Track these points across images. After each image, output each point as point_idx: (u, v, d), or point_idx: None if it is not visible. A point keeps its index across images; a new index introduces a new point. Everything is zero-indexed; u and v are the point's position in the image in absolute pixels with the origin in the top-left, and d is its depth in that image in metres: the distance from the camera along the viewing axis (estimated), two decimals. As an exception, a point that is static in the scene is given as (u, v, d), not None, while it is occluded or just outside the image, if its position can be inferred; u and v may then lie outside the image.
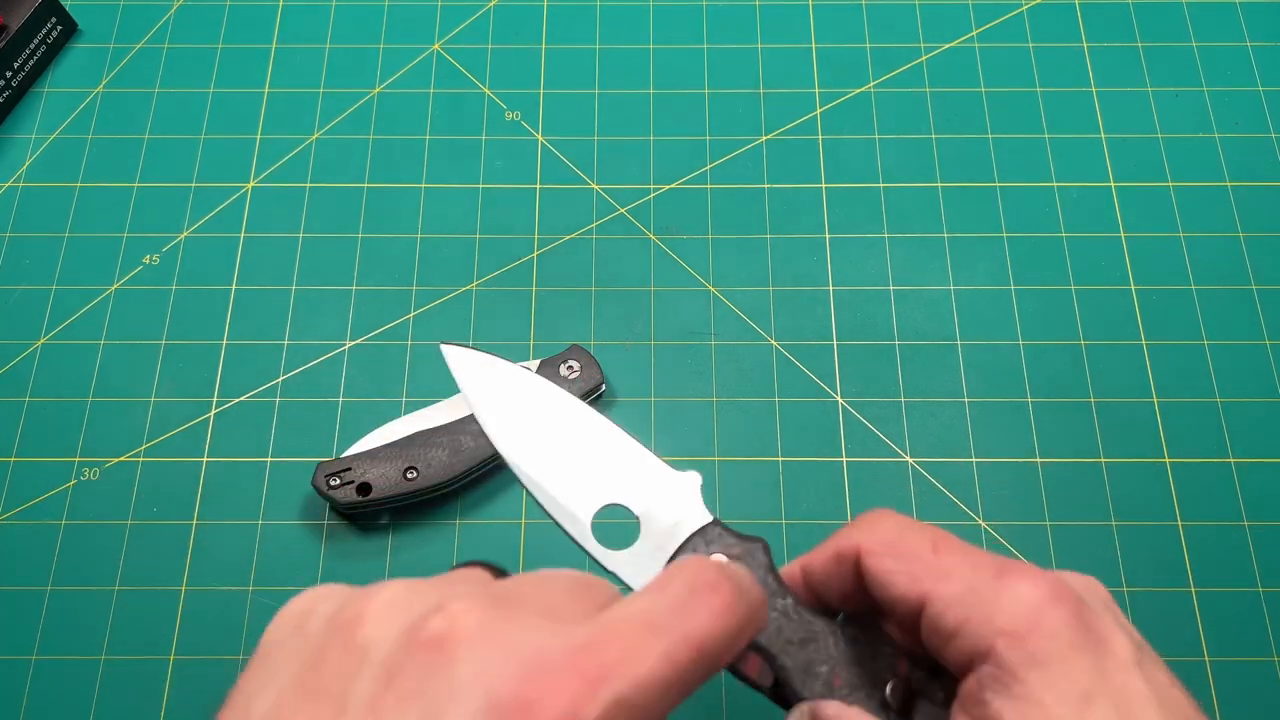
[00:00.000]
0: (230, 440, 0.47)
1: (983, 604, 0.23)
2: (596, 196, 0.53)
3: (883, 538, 0.25)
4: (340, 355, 0.49)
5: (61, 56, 0.57)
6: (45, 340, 0.49)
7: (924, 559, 0.24)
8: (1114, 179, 0.53)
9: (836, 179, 0.53)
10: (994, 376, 0.48)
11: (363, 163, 0.53)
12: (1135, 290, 0.50)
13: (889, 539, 0.25)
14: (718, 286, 0.50)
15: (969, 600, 0.23)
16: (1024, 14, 0.57)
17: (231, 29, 0.57)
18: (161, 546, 0.45)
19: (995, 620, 0.22)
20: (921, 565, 0.24)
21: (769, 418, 0.47)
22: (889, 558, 0.25)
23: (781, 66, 0.56)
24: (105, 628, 0.44)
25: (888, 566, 0.25)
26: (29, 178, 0.53)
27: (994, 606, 0.22)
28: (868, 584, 0.25)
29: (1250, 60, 0.56)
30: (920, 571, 0.24)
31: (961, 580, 0.23)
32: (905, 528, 0.25)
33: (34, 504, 0.46)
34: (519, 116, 0.55)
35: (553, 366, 0.47)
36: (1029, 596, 0.22)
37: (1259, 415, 0.47)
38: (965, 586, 0.23)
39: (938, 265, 0.51)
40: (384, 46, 0.57)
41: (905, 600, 0.24)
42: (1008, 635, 0.22)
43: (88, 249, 0.51)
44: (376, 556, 0.45)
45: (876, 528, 0.26)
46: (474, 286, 0.51)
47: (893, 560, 0.25)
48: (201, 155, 0.54)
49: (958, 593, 0.23)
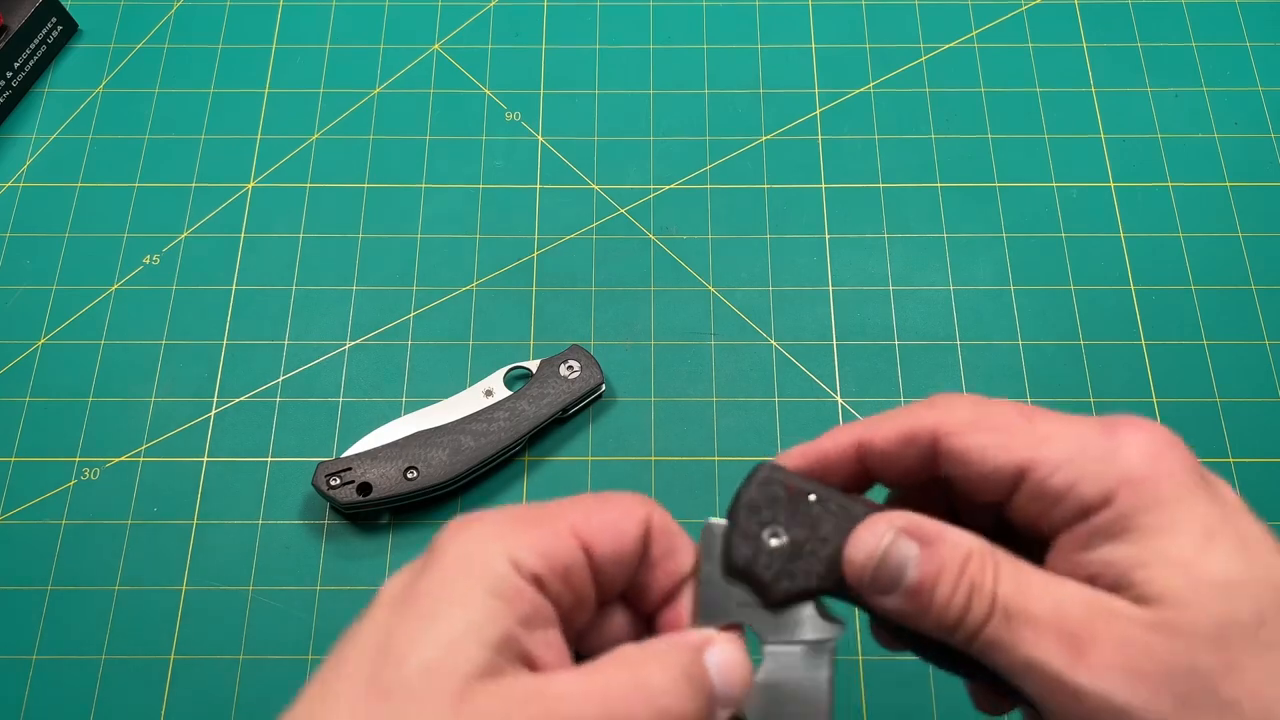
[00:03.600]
0: (230, 440, 0.47)
1: (1097, 458, 0.22)
2: (596, 196, 0.53)
3: (965, 416, 0.24)
4: (340, 355, 0.49)
5: (62, 57, 0.57)
6: (45, 340, 0.49)
7: (1019, 429, 0.24)
8: (1114, 179, 0.53)
9: (836, 179, 0.53)
10: (994, 376, 0.48)
11: (363, 163, 0.54)
12: (1135, 290, 0.50)
13: (972, 416, 0.24)
14: (718, 286, 0.50)
15: (1081, 457, 0.23)
16: (1024, 14, 0.57)
17: (231, 29, 0.57)
18: (161, 546, 0.45)
19: (1113, 470, 0.22)
20: (1017, 435, 0.24)
21: (769, 418, 0.47)
22: (980, 433, 0.24)
23: (781, 66, 0.56)
24: (105, 628, 0.44)
25: (980, 442, 0.24)
26: (29, 178, 0.53)
27: (1109, 459, 0.22)
28: (949, 463, 0.25)
29: (1250, 60, 0.56)
30: (1017, 441, 0.23)
31: (1069, 440, 0.23)
32: (985, 403, 0.25)
33: (34, 504, 0.46)
34: (519, 116, 0.55)
35: (553, 366, 0.47)
36: (1146, 444, 0.22)
37: (1259, 415, 0.47)
38: (1075, 445, 0.23)
39: (938, 265, 0.51)
40: (384, 47, 0.57)
41: (999, 472, 0.24)
42: (1128, 482, 0.22)
43: (88, 249, 0.51)
44: (376, 556, 0.45)
45: (954, 406, 0.25)
46: (474, 286, 0.51)
47: (985, 435, 0.24)
48: (202, 155, 0.54)
49: (1068, 452, 0.23)
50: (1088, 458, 0.23)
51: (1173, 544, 0.21)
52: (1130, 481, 0.22)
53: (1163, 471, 0.22)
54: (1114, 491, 0.22)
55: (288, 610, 0.44)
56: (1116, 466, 0.22)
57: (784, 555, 0.25)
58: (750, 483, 0.26)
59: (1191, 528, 0.21)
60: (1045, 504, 0.23)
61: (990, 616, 0.22)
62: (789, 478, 0.26)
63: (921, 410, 0.25)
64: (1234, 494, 0.23)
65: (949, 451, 0.24)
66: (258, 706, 0.42)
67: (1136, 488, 0.22)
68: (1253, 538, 0.22)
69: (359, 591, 0.44)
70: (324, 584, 0.44)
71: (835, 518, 0.25)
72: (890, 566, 0.23)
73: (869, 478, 0.27)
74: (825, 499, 0.25)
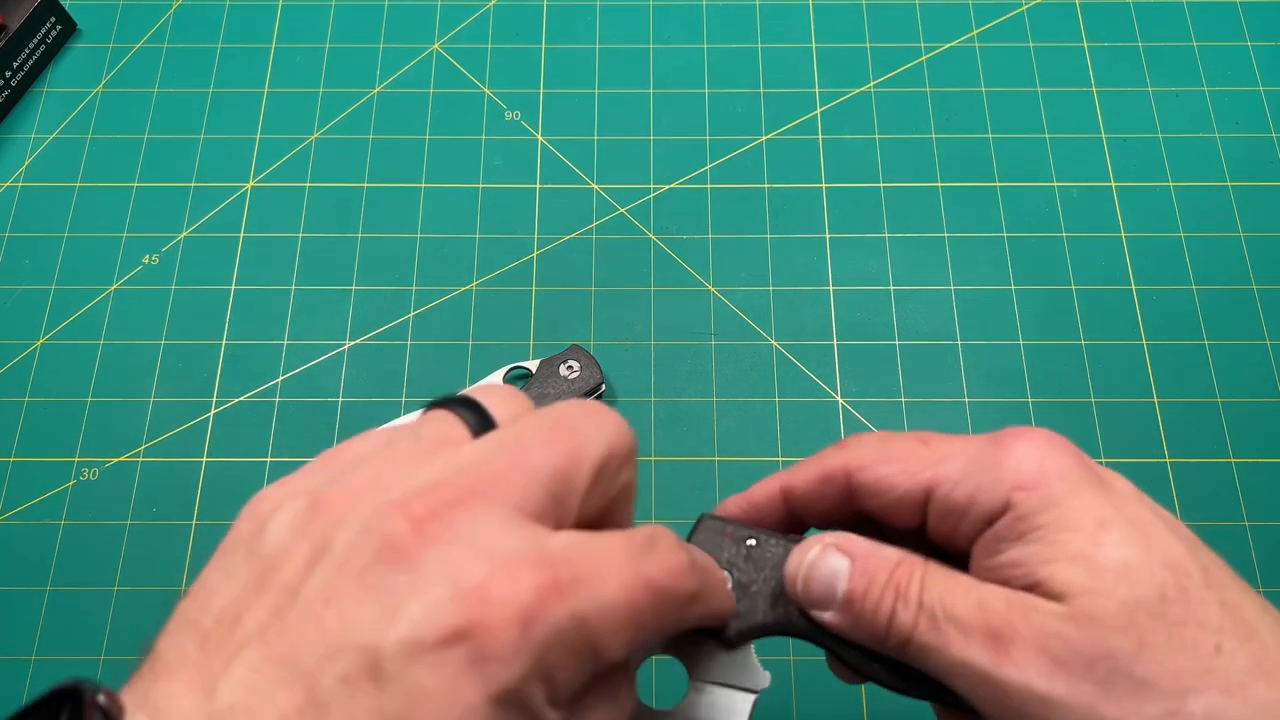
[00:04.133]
0: (230, 440, 0.47)
1: (990, 469, 0.24)
2: (596, 196, 0.53)
3: (870, 451, 0.26)
4: (340, 355, 0.49)
5: (61, 56, 0.57)
6: (45, 340, 0.49)
7: (918, 454, 0.25)
8: (1114, 179, 0.53)
9: (836, 179, 0.53)
10: (994, 376, 0.48)
11: (362, 163, 0.53)
12: (1136, 290, 0.50)
13: (876, 451, 0.26)
14: (718, 286, 0.50)
15: (975, 470, 0.24)
16: (1024, 14, 0.57)
17: (231, 29, 0.57)
18: (161, 546, 0.45)
19: (1006, 479, 0.23)
20: (917, 460, 0.25)
21: (769, 418, 0.47)
22: (883, 465, 0.26)
23: (781, 66, 0.56)
24: (105, 628, 0.44)
25: (884, 472, 0.26)
26: (28, 177, 0.53)
27: (1001, 468, 0.24)
28: (863, 495, 0.26)
29: (1251, 60, 0.56)
30: (917, 465, 0.25)
31: (962, 456, 0.25)
32: (886, 437, 0.26)
33: (33, 504, 0.46)
34: (519, 116, 0.55)
35: (553, 366, 0.47)
36: (1033, 450, 0.24)
37: (1259, 415, 0.47)
38: (968, 460, 0.24)
39: (938, 265, 0.51)
40: (384, 46, 0.57)
41: (908, 497, 0.25)
42: (1022, 488, 0.23)
43: (87, 249, 0.51)
44: (376, 557, 0.45)
45: (859, 445, 0.27)
46: (474, 286, 0.51)
47: (890, 465, 0.26)
48: (201, 155, 0.54)
49: (963, 467, 0.24)
50: (981, 469, 0.24)
51: (1071, 538, 0.22)
52: (1022, 486, 0.23)
53: (1051, 472, 0.23)
54: (1009, 497, 0.23)
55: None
56: (1008, 474, 0.23)
57: (734, 596, 0.26)
58: (695, 533, 0.27)
59: (1085, 521, 0.23)
60: (953, 519, 0.25)
61: (918, 621, 0.23)
62: (729, 525, 0.27)
63: (833, 452, 0.27)
64: (1126, 484, 0.24)
65: (861, 486, 0.26)
66: (257, 707, 0.42)
67: (1029, 492, 0.23)
68: (1144, 522, 0.23)
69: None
70: (323, 584, 0.44)
71: (775, 555, 0.26)
72: (822, 579, 0.25)
73: (799, 522, 0.29)
74: (765, 540, 0.27)
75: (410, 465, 0.20)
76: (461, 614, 0.17)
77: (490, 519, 0.19)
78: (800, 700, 0.42)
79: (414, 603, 0.18)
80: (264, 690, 0.17)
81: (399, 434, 0.22)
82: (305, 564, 0.19)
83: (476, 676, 0.17)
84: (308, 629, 0.18)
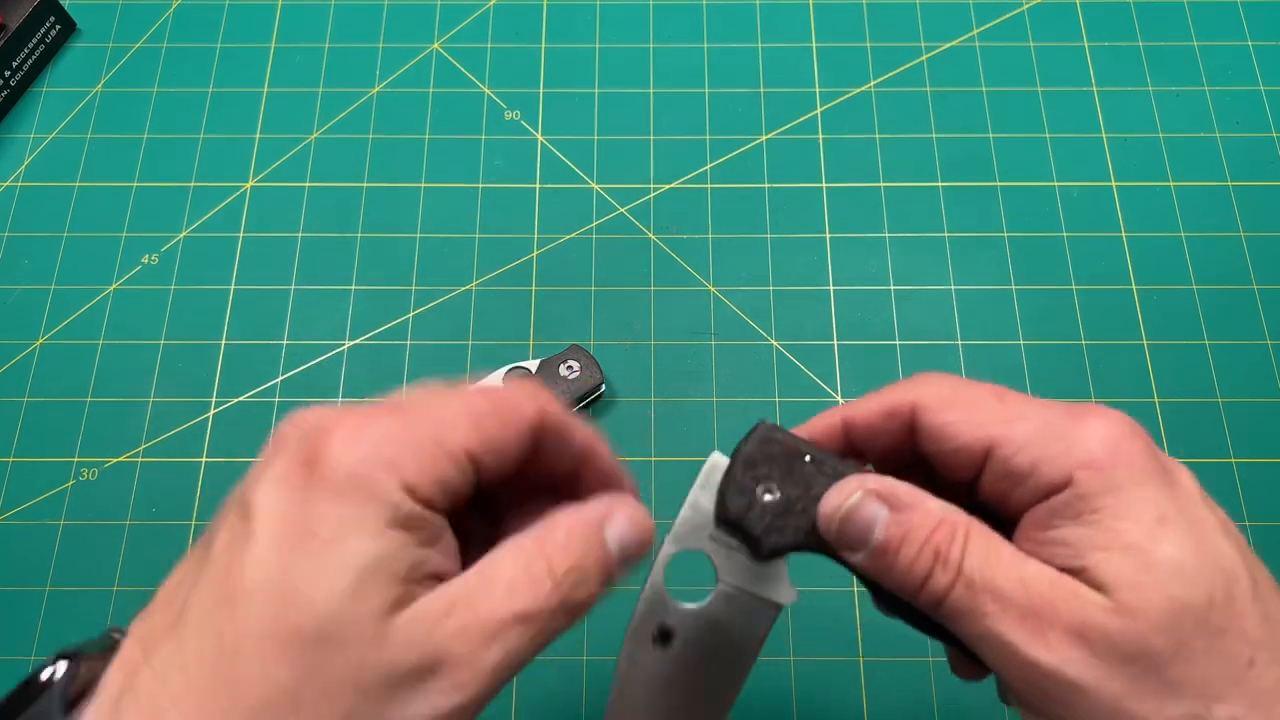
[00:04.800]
0: (229, 440, 0.47)
1: (1060, 440, 0.23)
2: (596, 196, 0.52)
3: (941, 392, 0.25)
4: (340, 355, 0.49)
5: (60, 56, 0.57)
6: (44, 340, 0.49)
7: (990, 408, 0.25)
8: (1115, 179, 0.53)
9: (836, 179, 0.53)
10: (994, 376, 0.48)
11: (362, 162, 0.53)
12: (1136, 290, 0.50)
13: (948, 394, 0.25)
14: (718, 286, 0.50)
15: (1044, 438, 0.23)
16: (1024, 14, 0.57)
17: (230, 29, 0.57)
18: (161, 546, 0.45)
19: (1074, 454, 0.23)
20: (987, 413, 0.25)
21: (769, 418, 0.47)
22: (953, 410, 0.25)
23: (781, 66, 0.56)
24: (104, 628, 0.44)
25: (952, 418, 0.25)
26: (28, 177, 0.53)
27: (1072, 442, 0.23)
28: (923, 438, 0.26)
29: (1251, 60, 0.56)
30: (986, 419, 0.24)
31: (1035, 421, 0.24)
32: (963, 383, 0.26)
33: (33, 504, 0.46)
34: (519, 116, 0.55)
35: (553, 366, 0.47)
36: (1107, 431, 0.23)
37: (1260, 415, 0.47)
38: (1040, 426, 0.24)
39: (938, 265, 0.51)
40: (383, 46, 0.57)
41: (968, 449, 0.25)
42: (1088, 466, 0.23)
43: (86, 249, 0.51)
44: (376, 557, 0.45)
45: (933, 384, 0.26)
46: (474, 286, 0.50)
47: (957, 411, 0.25)
48: (200, 155, 0.54)
49: (1032, 432, 0.24)
50: (1051, 439, 0.23)
51: (1128, 529, 0.22)
52: (1089, 465, 0.23)
53: (1121, 458, 0.23)
54: (1073, 474, 0.23)
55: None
56: (1077, 450, 0.23)
57: (775, 510, 0.26)
58: (750, 439, 0.26)
59: (1145, 514, 0.22)
60: (1010, 482, 0.24)
61: (954, 585, 0.23)
62: (787, 437, 0.26)
63: (903, 386, 0.26)
64: (1192, 481, 0.24)
65: (924, 427, 0.25)
66: (257, 707, 0.42)
67: (1095, 472, 0.23)
68: (1204, 524, 0.22)
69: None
70: (323, 584, 0.44)
71: (827, 478, 0.26)
72: (857, 525, 0.24)
73: (857, 454, 0.28)
74: (820, 460, 0.26)
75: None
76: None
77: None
78: (799, 699, 0.42)
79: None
80: None
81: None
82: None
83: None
84: None
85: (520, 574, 0.22)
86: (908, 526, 0.24)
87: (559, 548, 0.22)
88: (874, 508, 0.24)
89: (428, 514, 0.21)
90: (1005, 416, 0.24)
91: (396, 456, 0.21)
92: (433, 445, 0.21)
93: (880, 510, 0.24)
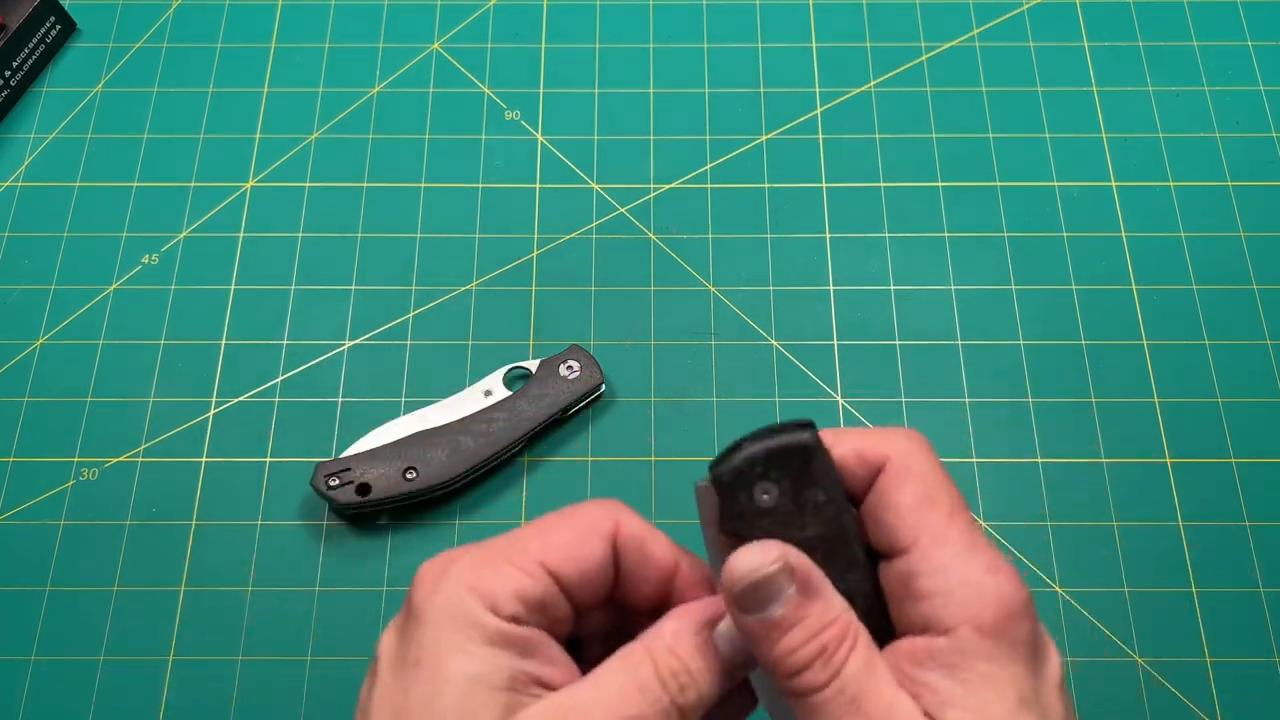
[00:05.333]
0: (229, 440, 0.47)
1: (967, 587, 0.23)
2: (596, 196, 0.53)
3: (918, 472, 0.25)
4: (340, 355, 0.49)
5: (60, 56, 0.57)
6: (44, 340, 0.49)
7: (937, 517, 0.24)
8: (1115, 179, 0.53)
9: (836, 179, 0.53)
10: (994, 376, 0.48)
11: (362, 162, 0.53)
12: (1136, 290, 0.50)
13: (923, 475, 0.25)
14: (718, 286, 0.50)
15: (955, 575, 0.23)
16: (1024, 13, 0.57)
17: (231, 29, 0.57)
18: (161, 546, 0.45)
19: (970, 609, 0.23)
20: (932, 520, 0.24)
21: (769, 418, 0.47)
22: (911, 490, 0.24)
23: (781, 66, 0.56)
24: (104, 628, 0.44)
25: (906, 501, 0.24)
26: (28, 177, 0.53)
27: (978, 595, 0.23)
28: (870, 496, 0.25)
29: (1251, 60, 0.56)
30: (925, 525, 0.24)
31: (956, 553, 0.24)
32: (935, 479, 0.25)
33: (33, 504, 0.46)
34: (519, 116, 0.55)
35: (552, 366, 0.47)
36: (1011, 602, 0.23)
37: (1260, 415, 0.47)
38: (957, 561, 0.24)
39: (938, 265, 0.51)
40: (383, 46, 0.57)
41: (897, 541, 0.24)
42: (979, 629, 0.23)
43: (86, 249, 0.51)
44: (376, 557, 0.45)
45: (914, 458, 0.25)
46: (474, 286, 0.50)
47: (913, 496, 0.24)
48: (200, 155, 0.54)
49: (946, 563, 0.24)
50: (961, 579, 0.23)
51: (991, 702, 0.22)
52: (980, 628, 0.23)
53: (1007, 634, 0.23)
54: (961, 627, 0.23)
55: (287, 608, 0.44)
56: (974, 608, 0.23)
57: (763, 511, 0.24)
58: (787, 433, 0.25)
59: (1010, 693, 0.23)
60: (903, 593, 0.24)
61: (826, 686, 0.23)
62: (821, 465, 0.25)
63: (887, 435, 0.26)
64: (1057, 668, 0.24)
65: (880, 489, 0.25)
66: (256, 707, 0.42)
67: (981, 638, 0.23)
68: (1053, 714, 0.23)
69: (358, 593, 0.44)
70: (323, 585, 0.44)
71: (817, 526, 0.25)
72: (762, 592, 0.23)
73: None
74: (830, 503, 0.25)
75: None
76: None
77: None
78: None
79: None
80: None
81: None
82: None
83: None
84: None
85: (628, 679, 0.23)
86: (806, 613, 0.23)
87: (664, 649, 0.23)
88: (784, 582, 0.23)
89: (516, 628, 0.23)
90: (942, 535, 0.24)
91: (476, 582, 0.23)
92: (506, 563, 0.24)
93: (788, 587, 0.23)
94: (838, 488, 0.25)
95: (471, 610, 0.23)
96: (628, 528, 0.25)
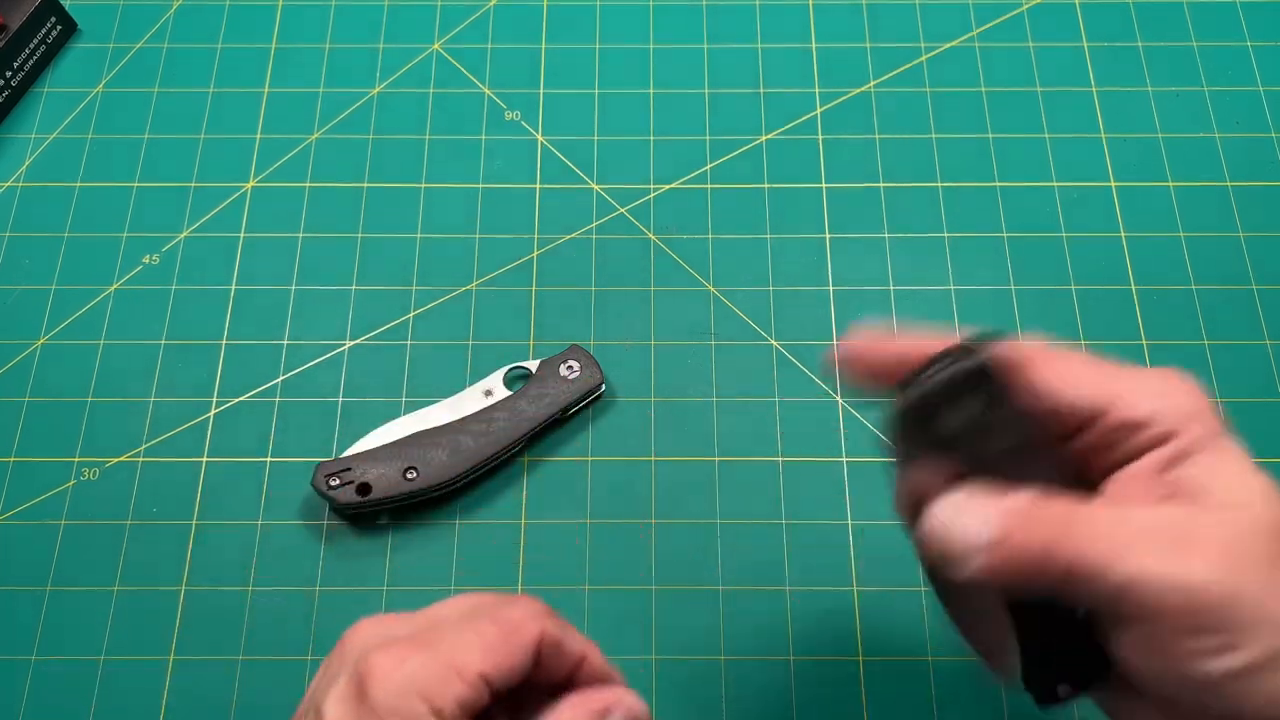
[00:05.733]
0: (230, 440, 0.47)
1: (1172, 393, 0.26)
2: (596, 196, 0.53)
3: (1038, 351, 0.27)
4: (340, 355, 0.49)
5: (61, 56, 0.57)
6: (45, 340, 0.49)
7: (1104, 364, 0.26)
8: (1114, 179, 0.53)
9: (836, 179, 0.53)
10: (994, 376, 0.48)
11: (362, 163, 0.53)
12: (1136, 290, 0.50)
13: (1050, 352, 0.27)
14: (718, 286, 0.50)
15: (1158, 390, 0.26)
16: (1024, 14, 0.57)
17: (231, 29, 0.57)
18: (161, 546, 0.45)
19: (1183, 407, 0.25)
20: (1103, 369, 0.26)
21: (769, 418, 0.47)
22: (1075, 363, 0.27)
23: (781, 66, 0.56)
24: (105, 628, 0.44)
25: (1075, 371, 0.26)
26: (29, 177, 0.53)
27: (1178, 396, 0.26)
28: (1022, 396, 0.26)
29: (1251, 60, 0.56)
30: (1102, 375, 0.26)
31: (1139, 375, 0.26)
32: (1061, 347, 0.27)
33: (33, 504, 0.46)
34: (519, 116, 0.55)
35: (553, 366, 0.47)
36: (1193, 389, 0.26)
37: (1260, 415, 0.47)
38: (1144, 379, 0.26)
39: (938, 265, 0.51)
40: (384, 46, 0.57)
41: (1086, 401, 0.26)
42: (1192, 418, 0.25)
43: (87, 249, 0.51)
44: (376, 556, 0.45)
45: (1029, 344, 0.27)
46: (474, 286, 0.51)
47: (1080, 365, 0.26)
48: (201, 155, 0.54)
49: (1146, 385, 0.26)
50: (1165, 390, 0.26)
51: (1231, 467, 0.25)
52: (1193, 416, 0.25)
53: (1207, 413, 0.26)
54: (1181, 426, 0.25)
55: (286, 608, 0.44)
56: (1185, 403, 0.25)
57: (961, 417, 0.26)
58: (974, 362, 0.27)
59: (1239, 459, 0.25)
60: (1126, 432, 0.25)
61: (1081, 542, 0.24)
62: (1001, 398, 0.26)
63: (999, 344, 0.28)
64: None
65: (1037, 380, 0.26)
66: (256, 707, 0.42)
67: (1197, 422, 0.25)
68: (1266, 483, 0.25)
69: (358, 593, 0.44)
70: (323, 585, 0.44)
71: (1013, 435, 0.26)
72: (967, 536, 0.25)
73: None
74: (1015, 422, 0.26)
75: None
76: None
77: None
78: (799, 699, 0.42)
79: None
80: None
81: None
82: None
83: None
84: None
85: None
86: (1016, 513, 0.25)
87: None
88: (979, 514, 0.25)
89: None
90: (1122, 372, 0.26)
91: (424, 688, 0.26)
92: (453, 675, 0.26)
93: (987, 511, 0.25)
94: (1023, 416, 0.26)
95: (419, 713, 0.26)
96: (549, 632, 0.28)
